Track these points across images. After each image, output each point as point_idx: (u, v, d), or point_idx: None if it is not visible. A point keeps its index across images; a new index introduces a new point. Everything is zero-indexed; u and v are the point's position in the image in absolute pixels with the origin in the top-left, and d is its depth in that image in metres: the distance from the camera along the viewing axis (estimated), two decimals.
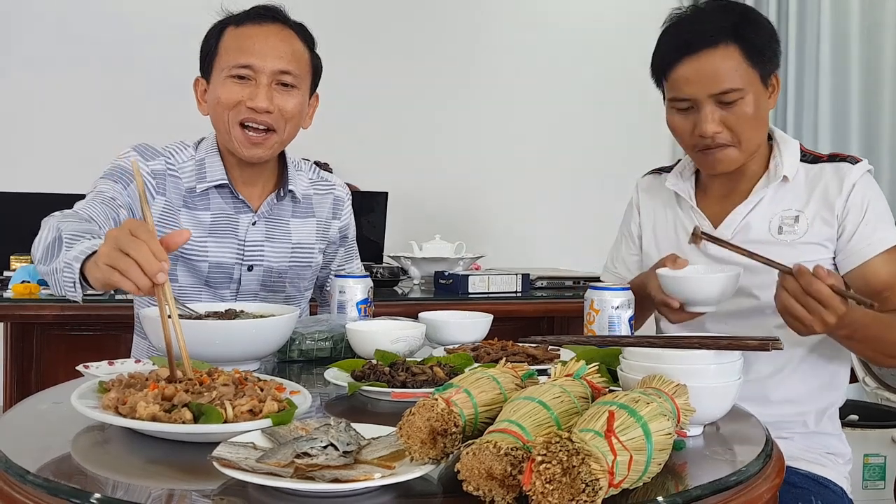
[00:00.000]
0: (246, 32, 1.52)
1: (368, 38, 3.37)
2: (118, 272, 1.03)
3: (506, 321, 2.44)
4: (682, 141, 1.47)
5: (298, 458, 0.78)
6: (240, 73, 1.50)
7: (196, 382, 0.98)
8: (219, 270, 1.57)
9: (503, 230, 3.47)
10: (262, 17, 1.53)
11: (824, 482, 1.39)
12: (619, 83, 3.55)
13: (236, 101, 1.49)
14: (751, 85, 1.39)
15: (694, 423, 0.95)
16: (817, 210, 1.43)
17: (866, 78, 3.41)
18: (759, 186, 1.47)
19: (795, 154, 1.48)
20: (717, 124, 1.39)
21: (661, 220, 1.60)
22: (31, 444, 0.94)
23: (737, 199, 1.49)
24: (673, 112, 1.45)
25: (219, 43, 1.54)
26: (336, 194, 1.73)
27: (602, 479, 0.67)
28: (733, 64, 1.37)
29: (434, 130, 3.46)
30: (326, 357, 1.39)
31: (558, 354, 1.27)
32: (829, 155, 1.49)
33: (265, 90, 1.49)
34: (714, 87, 1.37)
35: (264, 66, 1.49)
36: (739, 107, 1.38)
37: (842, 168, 1.44)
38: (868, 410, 2.61)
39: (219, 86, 1.51)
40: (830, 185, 1.43)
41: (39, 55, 3.06)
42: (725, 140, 1.40)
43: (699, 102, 1.39)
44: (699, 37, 1.38)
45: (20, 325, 2.19)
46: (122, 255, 1.02)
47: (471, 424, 0.82)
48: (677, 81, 1.41)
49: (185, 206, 1.56)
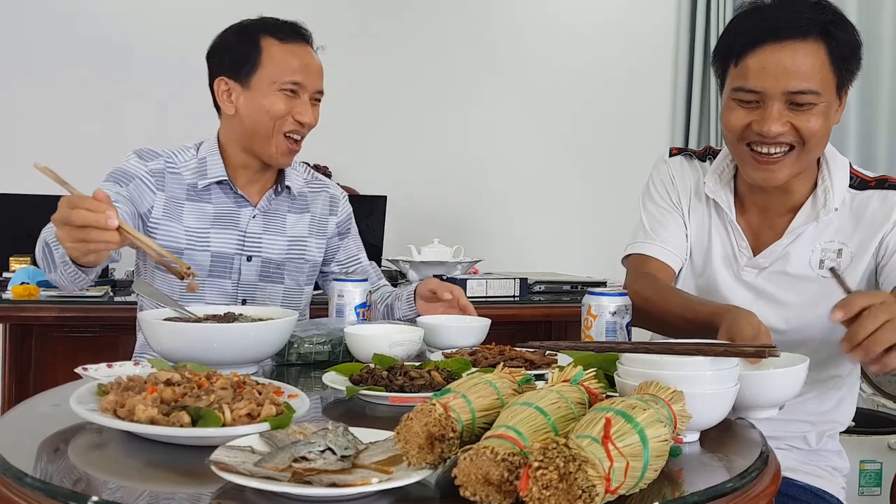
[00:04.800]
0: (295, 51, 1.64)
1: (367, 42, 3.38)
2: (82, 243, 1.12)
3: (503, 325, 2.43)
4: (735, 137, 1.31)
5: (296, 463, 0.78)
6: (292, 89, 1.62)
7: (194, 385, 0.98)
8: (220, 260, 1.66)
9: (502, 234, 3.48)
10: (302, 36, 1.66)
11: (821, 494, 1.38)
12: (619, 88, 3.56)
13: (286, 112, 1.61)
14: (828, 91, 1.26)
15: (690, 429, 0.95)
16: (861, 242, 1.34)
17: (864, 86, 3.42)
18: (805, 218, 1.35)
19: (845, 178, 1.36)
20: (783, 125, 1.25)
21: (696, 219, 1.45)
22: (30, 446, 0.94)
23: (777, 222, 1.38)
24: (733, 105, 1.30)
25: (260, 54, 1.62)
26: (331, 192, 1.83)
27: (598, 485, 0.67)
28: (817, 63, 1.24)
29: (433, 135, 3.46)
30: (324, 361, 1.39)
31: (556, 359, 1.28)
32: (877, 179, 1.38)
33: (310, 106, 1.64)
34: (792, 83, 1.24)
35: (310, 84, 1.63)
36: (811, 112, 1.25)
37: (890, 197, 1.34)
38: (864, 417, 2.61)
39: (268, 96, 1.61)
40: (877, 216, 1.33)
41: (36, 57, 3.06)
42: (788, 141, 1.27)
43: (768, 98, 1.25)
44: (789, 25, 1.24)
45: (19, 327, 2.20)
46: (72, 229, 1.11)
47: (468, 430, 0.82)
48: (750, 69, 1.26)
49: (189, 200, 1.65)
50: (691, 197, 1.47)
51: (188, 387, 0.97)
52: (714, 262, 1.43)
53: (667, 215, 1.47)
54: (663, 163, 1.51)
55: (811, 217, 1.36)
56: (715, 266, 1.43)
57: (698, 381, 0.95)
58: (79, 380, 1.16)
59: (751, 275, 1.40)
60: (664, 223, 1.46)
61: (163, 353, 1.24)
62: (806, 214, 1.36)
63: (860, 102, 3.42)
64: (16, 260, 2.34)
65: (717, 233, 1.44)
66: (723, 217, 1.44)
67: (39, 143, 3.01)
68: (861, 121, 3.42)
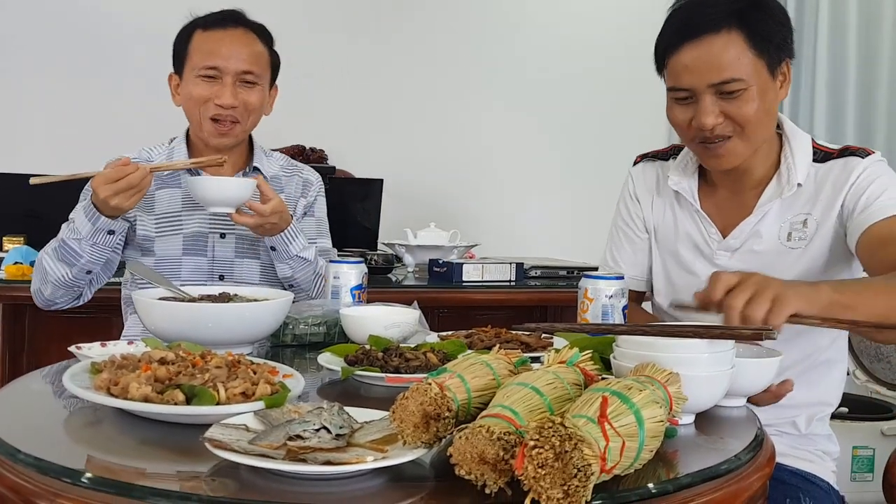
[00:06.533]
0: (213, 36, 1.70)
1: (364, 25, 3.35)
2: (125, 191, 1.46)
3: (499, 310, 2.44)
4: (682, 134, 1.39)
5: (291, 441, 0.77)
6: (208, 74, 1.68)
7: (189, 364, 0.97)
8: (194, 240, 1.72)
9: (498, 219, 3.47)
10: (226, 22, 1.72)
11: (811, 478, 1.39)
12: (616, 73, 3.54)
13: (206, 98, 1.68)
14: (756, 75, 1.29)
15: (686, 411, 0.95)
16: (824, 209, 1.35)
17: (863, 70, 3.42)
18: (771, 194, 1.38)
19: (807, 154, 1.38)
20: (716, 116, 1.30)
21: (660, 219, 1.52)
22: (23, 423, 0.94)
23: (744, 202, 1.41)
24: (672, 103, 1.36)
25: (188, 45, 1.71)
26: (305, 177, 1.87)
27: (594, 464, 0.67)
28: (736, 52, 1.27)
29: (430, 118, 3.45)
30: (320, 342, 1.39)
31: (551, 342, 1.28)
32: (840, 149, 1.39)
33: (230, 88, 1.68)
34: (714, 76, 1.28)
35: (228, 66, 1.68)
36: (742, 99, 1.29)
37: (851, 162, 1.36)
38: (858, 403, 2.62)
39: (190, 84, 1.70)
40: (838, 181, 1.35)
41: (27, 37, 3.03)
42: (727, 132, 1.31)
43: (698, 93, 1.30)
44: (701, 20, 1.29)
45: (12, 307, 2.19)
46: (113, 183, 1.46)
47: (464, 409, 0.82)
48: (676, 69, 1.32)
49: (159, 188, 1.72)
50: (654, 198, 1.53)
51: (182, 365, 0.97)
52: (690, 254, 1.47)
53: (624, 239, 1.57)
54: (628, 178, 1.59)
55: (776, 194, 1.39)
56: (691, 257, 1.46)
57: (694, 364, 0.95)
58: (72, 359, 1.16)
59: (724, 258, 1.43)
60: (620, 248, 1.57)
61: (157, 332, 1.24)
62: (771, 192, 1.39)
63: (859, 87, 3.42)
64: (9, 240, 2.33)
65: (686, 224, 1.48)
66: (686, 206, 1.47)
67: (29, 125, 2.99)
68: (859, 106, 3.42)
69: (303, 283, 1.73)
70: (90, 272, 1.60)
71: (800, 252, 1.37)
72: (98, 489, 0.73)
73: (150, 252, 1.69)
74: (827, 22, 3.42)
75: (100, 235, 1.55)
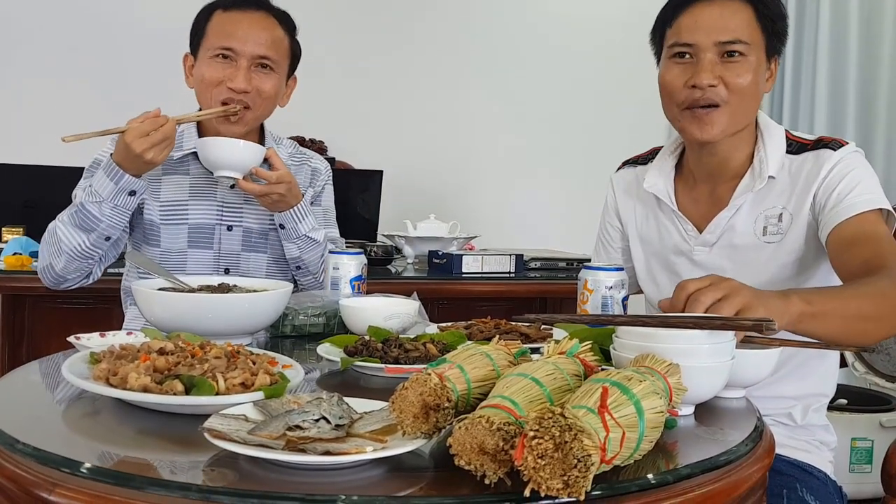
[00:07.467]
0: (232, 18, 1.65)
1: (365, 16, 3.34)
2: (157, 144, 1.44)
3: (499, 301, 2.44)
4: (672, 98, 1.38)
5: (290, 431, 0.77)
6: (223, 54, 1.63)
7: (188, 354, 0.97)
8: (200, 232, 1.67)
9: (498, 210, 3.47)
10: (248, 4, 1.66)
11: (808, 469, 1.39)
12: (616, 66, 3.53)
13: (218, 80, 1.63)
14: (757, 49, 1.34)
15: (686, 402, 0.95)
16: (797, 201, 1.36)
17: (863, 64, 3.41)
18: (743, 188, 1.39)
19: (780, 146, 1.40)
20: (714, 77, 1.32)
21: (643, 222, 1.54)
22: (22, 413, 0.94)
23: (720, 197, 1.43)
24: (669, 64, 1.38)
25: (207, 24, 1.66)
26: (313, 166, 1.82)
27: (594, 454, 0.67)
28: (745, 18, 1.33)
29: (430, 110, 3.44)
30: (319, 333, 1.39)
31: (551, 334, 1.27)
32: (814, 140, 1.40)
33: (244, 72, 1.62)
34: (723, 34, 1.32)
35: (244, 49, 1.62)
36: (741, 65, 1.33)
37: (822, 154, 1.36)
38: (857, 395, 2.63)
39: (203, 65, 1.64)
40: (811, 174, 1.35)
41: (27, 25, 3.02)
42: (719, 98, 1.33)
43: (702, 50, 1.33)
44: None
45: (12, 297, 2.19)
46: (145, 137, 1.43)
47: (463, 400, 0.82)
48: (683, 25, 1.35)
49: (165, 174, 1.67)
50: (635, 204, 1.56)
51: (181, 356, 0.97)
52: (672, 254, 1.48)
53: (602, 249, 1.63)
54: (609, 186, 1.62)
55: (749, 187, 1.40)
56: (672, 257, 1.48)
57: (694, 355, 0.94)
58: (71, 349, 1.16)
59: (702, 253, 1.44)
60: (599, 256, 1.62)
61: (156, 323, 1.24)
62: (745, 185, 1.40)
63: (859, 81, 3.41)
64: (8, 230, 2.33)
65: (666, 225, 1.49)
66: (665, 209, 1.49)
67: (31, 113, 2.98)
68: (860, 100, 3.41)
69: (311, 266, 1.70)
70: (109, 238, 1.54)
71: (776, 246, 1.38)
72: (97, 479, 0.72)
73: (155, 243, 1.66)
74: (828, 21, 3.41)
75: (122, 196, 1.50)
